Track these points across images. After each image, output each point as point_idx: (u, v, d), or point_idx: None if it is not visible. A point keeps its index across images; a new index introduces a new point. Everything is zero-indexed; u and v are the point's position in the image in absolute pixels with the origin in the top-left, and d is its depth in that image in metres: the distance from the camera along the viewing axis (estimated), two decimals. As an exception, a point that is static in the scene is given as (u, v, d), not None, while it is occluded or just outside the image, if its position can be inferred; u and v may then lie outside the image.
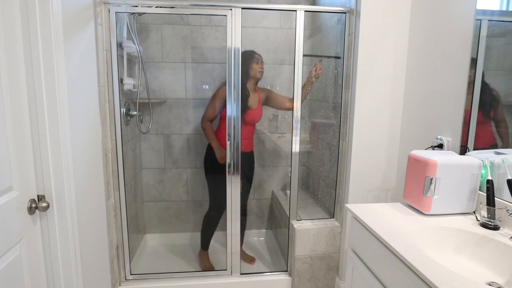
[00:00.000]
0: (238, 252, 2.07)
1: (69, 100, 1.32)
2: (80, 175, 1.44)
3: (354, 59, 1.82)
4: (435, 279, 0.87)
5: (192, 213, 2.79)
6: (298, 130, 1.97)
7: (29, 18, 1.15)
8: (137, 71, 2.37)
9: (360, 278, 1.32)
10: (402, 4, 1.76)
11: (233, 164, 1.97)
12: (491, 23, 1.29)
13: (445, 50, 1.51)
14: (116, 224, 1.92)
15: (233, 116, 1.92)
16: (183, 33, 2.55)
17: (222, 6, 1.78)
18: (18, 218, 1.12)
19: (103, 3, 1.70)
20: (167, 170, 2.71)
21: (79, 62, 1.43)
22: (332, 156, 2.21)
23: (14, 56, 1.10)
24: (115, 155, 1.86)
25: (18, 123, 1.12)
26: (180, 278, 2.03)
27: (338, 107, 2.05)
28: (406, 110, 1.82)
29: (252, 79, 2.17)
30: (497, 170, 1.24)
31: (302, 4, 2.65)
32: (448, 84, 1.50)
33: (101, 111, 1.69)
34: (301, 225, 2.02)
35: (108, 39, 1.75)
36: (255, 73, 2.15)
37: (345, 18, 1.90)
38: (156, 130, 2.64)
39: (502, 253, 1.06)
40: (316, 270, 2.05)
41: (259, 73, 2.17)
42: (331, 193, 2.18)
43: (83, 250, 1.46)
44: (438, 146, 1.52)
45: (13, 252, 1.10)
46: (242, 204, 2.04)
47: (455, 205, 1.30)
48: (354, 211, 1.36)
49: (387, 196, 1.95)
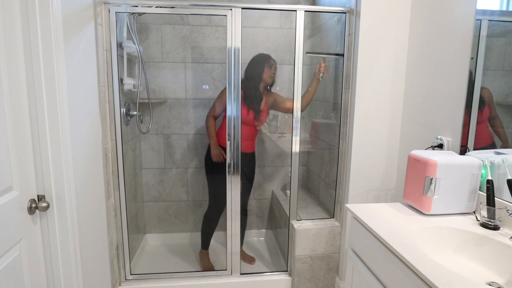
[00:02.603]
0: (238, 252, 2.07)
1: (69, 100, 1.32)
2: (80, 175, 1.44)
3: (354, 59, 1.82)
4: (435, 279, 0.87)
5: (192, 213, 2.79)
6: (298, 130, 1.97)
7: (29, 18, 1.15)
8: (137, 71, 2.37)
9: (360, 278, 1.32)
10: (402, 4, 1.76)
11: (233, 164, 1.97)
12: (491, 23, 1.29)
13: (445, 50, 1.51)
14: (116, 224, 1.92)
15: (233, 116, 1.92)
16: (183, 33, 2.55)
17: (222, 6, 1.78)
18: (18, 218, 1.12)
19: (103, 3, 1.70)
20: (167, 170, 2.71)
21: (79, 62, 1.43)
22: (332, 156, 2.21)
23: (14, 56, 1.10)
24: (115, 155, 1.86)
25: (18, 123, 1.12)
26: (180, 278, 2.03)
27: (338, 107, 2.05)
28: (406, 110, 1.82)
29: (262, 83, 2.20)
30: (497, 170, 1.24)
31: (302, 4, 2.65)
32: (448, 84, 1.50)
33: (101, 111, 1.69)
34: (301, 225, 2.02)
35: (108, 39, 1.75)
36: (267, 77, 2.19)
37: (345, 18, 1.90)
38: (156, 130, 2.64)
39: (502, 253, 1.06)
40: (316, 270, 2.05)
41: (270, 78, 2.21)
42: (331, 193, 2.18)
43: (83, 250, 1.46)
44: (438, 146, 1.52)
45: (13, 252, 1.10)
46: (242, 204, 2.04)
47: (455, 205, 1.30)
48: (354, 211, 1.36)
49: (387, 196, 1.95)
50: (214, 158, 2.21)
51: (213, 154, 2.22)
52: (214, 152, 2.21)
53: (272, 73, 2.20)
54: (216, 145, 2.21)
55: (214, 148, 2.22)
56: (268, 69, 2.18)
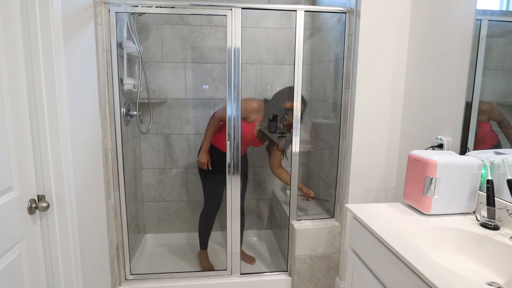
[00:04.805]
0: (238, 252, 2.07)
1: (69, 100, 1.32)
2: (80, 175, 1.44)
3: (354, 59, 1.82)
4: (435, 279, 0.87)
5: (192, 213, 2.79)
6: (298, 130, 1.97)
7: (29, 18, 1.15)
8: (137, 71, 2.37)
9: (360, 278, 1.32)
10: (402, 4, 1.76)
11: (233, 164, 1.97)
12: (491, 23, 1.29)
13: (445, 50, 1.51)
14: (116, 224, 1.92)
15: (233, 116, 1.92)
16: (183, 33, 2.55)
17: (222, 6, 1.78)
18: (18, 218, 1.12)
19: (103, 3, 1.70)
20: (167, 170, 2.71)
21: (79, 62, 1.43)
22: (332, 156, 2.21)
23: (14, 56, 1.10)
24: (115, 155, 1.86)
25: (18, 123, 1.12)
26: (180, 278, 2.03)
27: (338, 107, 2.05)
28: (406, 110, 1.82)
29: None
30: (497, 170, 1.24)
31: (302, 4, 2.65)
32: (448, 84, 1.50)
33: (101, 111, 1.69)
34: (301, 225, 2.02)
35: (108, 39, 1.75)
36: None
37: (345, 18, 1.90)
38: (156, 130, 2.64)
39: (502, 253, 1.06)
40: (316, 270, 2.05)
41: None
42: (331, 193, 2.18)
43: (83, 250, 1.46)
44: (438, 146, 1.52)
45: (13, 252, 1.10)
46: (240, 204, 2.04)
47: (455, 205, 1.30)
48: (354, 211, 1.36)
49: (387, 196, 1.95)
50: (199, 164, 2.20)
51: (199, 160, 2.20)
52: (202, 159, 2.19)
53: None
54: (206, 151, 2.18)
55: (203, 154, 2.19)
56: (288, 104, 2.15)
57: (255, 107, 2.14)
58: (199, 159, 2.21)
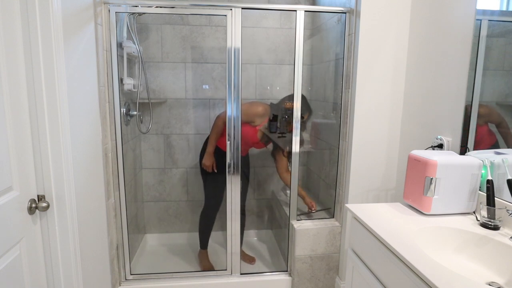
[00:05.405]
0: (238, 252, 2.07)
1: (69, 100, 1.32)
2: (80, 175, 1.44)
3: (354, 59, 1.82)
4: (435, 279, 0.87)
5: (192, 213, 2.79)
6: (298, 130, 1.97)
7: (29, 18, 1.15)
8: (137, 71, 2.37)
9: (360, 278, 1.32)
10: (402, 4, 1.76)
11: (233, 164, 1.97)
12: (491, 23, 1.29)
13: (445, 50, 1.51)
14: (116, 224, 1.92)
15: (233, 116, 1.92)
16: (183, 33, 2.55)
17: (222, 6, 1.78)
18: (18, 218, 1.12)
19: (103, 3, 1.70)
20: (167, 170, 2.71)
21: (79, 62, 1.43)
22: (332, 156, 2.21)
23: (14, 56, 1.10)
24: (115, 155, 1.86)
25: (18, 123, 1.12)
26: (180, 278, 2.03)
27: (338, 107, 2.05)
28: (406, 110, 1.82)
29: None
30: (497, 170, 1.24)
31: (302, 4, 2.65)
32: (448, 84, 1.50)
33: (101, 111, 1.69)
34: (301, 225, 2.02)
35: (108, 39, 1.75)
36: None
37: (345, 18, 1.90)
38: (156, 130, 2.64)
39: (502, 253, 1.06)
40: (316, 270, 2.05)
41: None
42: (331, 193, 2.18)
43: (83, 250, 1.46)
44: (438, 146, 1.52)
45: (13, 252, 1.10)
46: (240, 204, 2.04)
47: (455, 205, 1.30)
48: (354, 211, 1.36)
49: (387, 196, 1.95)
50: (204, 166, 2.21)
51: (204, 163, 2.20)
52: (207, 162, 2.19)
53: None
54: (211, 154, 2.19)
55: (207, 157, 2.19)
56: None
57: (261, 112, 2.14)
58: (204, 161, 2.21)
